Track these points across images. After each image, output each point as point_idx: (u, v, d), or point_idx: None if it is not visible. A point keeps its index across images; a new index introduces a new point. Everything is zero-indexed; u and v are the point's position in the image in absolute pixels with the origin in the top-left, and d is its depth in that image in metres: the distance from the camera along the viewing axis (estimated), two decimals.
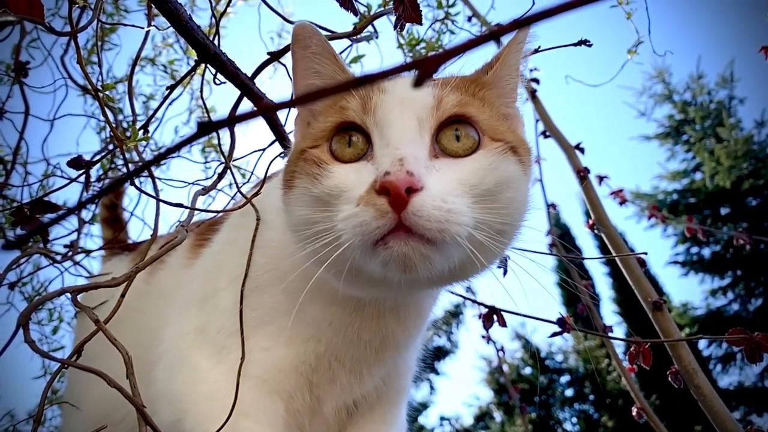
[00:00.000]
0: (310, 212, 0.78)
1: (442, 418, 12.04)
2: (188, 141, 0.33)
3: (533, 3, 1.30)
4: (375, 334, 0.93)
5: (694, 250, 9.42)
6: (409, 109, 0.79)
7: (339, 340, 0.92)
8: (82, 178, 1.17)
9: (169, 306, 1.05)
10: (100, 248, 1.66)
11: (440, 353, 12.24)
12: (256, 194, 0.96)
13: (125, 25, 1.59)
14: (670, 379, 1.20)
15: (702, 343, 8.66)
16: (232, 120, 0.33)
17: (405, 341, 0.97)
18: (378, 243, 0.71)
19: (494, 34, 0.33)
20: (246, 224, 0.99)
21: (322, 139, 0.81)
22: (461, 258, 0.76)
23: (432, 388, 12.00)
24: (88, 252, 1.59)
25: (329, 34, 1.14)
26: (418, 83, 0.32)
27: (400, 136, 0.76)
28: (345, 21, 1.17)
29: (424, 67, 0.31)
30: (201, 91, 1.36)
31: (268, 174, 1.14)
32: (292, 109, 1.18)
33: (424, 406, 11.72)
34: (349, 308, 0.91)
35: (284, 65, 1.21)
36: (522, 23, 0.32)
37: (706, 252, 9.38)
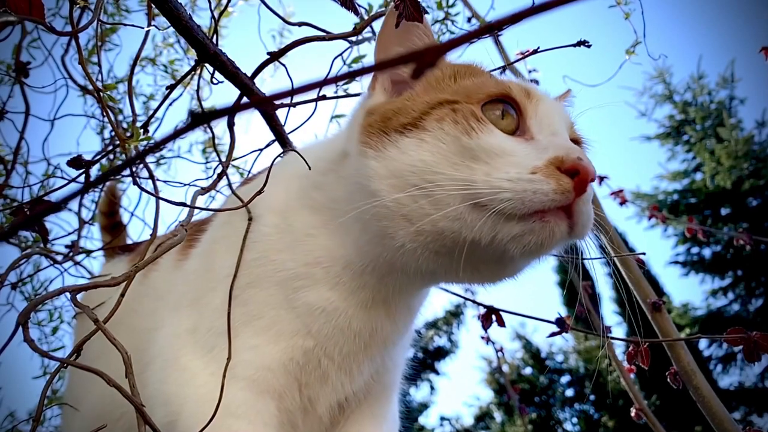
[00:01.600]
0: (439, 159, 0.79)
1: (443, 418, 12.04)
2: (182, 131, 0.34)
3: (533, 3, 1.30)
4: (365, 325, 0.93)
5: (695, 250, 9.41)
6: (562, 117, 0.87)
7: (329, 329, 0.92)
8: (82, 178, 1.17)
9: (162, 308, 1.05)
10: (100, 248, 1.67)
11: (440, 353, 12.24)
12: (255, 196, 0.96)
13: (126, 25, 1.59)
14: (668, 379, 1.20)
15: (702, 344, 8.66)
16: (226, 111, 0.33)
17: (392, 337, 0.98)
18: (535, 214, 0.75)
19: (491, 27, 0.34)
20: (232, 221, 0.99)
21: (474, 101, 0.83)
22: None
23: (432, 388, 12.01)
24: (88, 252, 1.60)
25: (328, 34, 1.14)
26: (416, 75, 0.32)
27: (564, 135, 0.84)
28: (346, 21, 1.18)
29: (422, 59, 0.32)
30: (197, 91, 1.36)
31: (257, 172, 1.14)
32: (292, 109, 1.18)
33: (424, 406, 11.72)
34: (345, 293, 0.91)
35: (284, 65, 1.21)
36: (519, 16, 0.32)
37: (707, 252, 9.37)
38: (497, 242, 0.77)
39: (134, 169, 1.10)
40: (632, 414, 1.44)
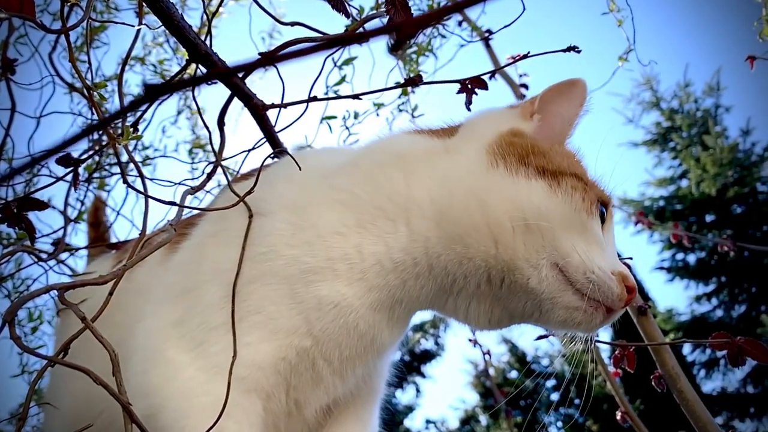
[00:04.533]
0: (558, 215, 0.88)
1: (428, 421, 12.02)
2: (138, 103, 0.33)
3: (524, 8, 1.31)
4: (369, 329, 0.92)
5: (680, 256, 9.48)
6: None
7: (335, 328, 0.90)
8: (69, 177, 1.16)
9: (146, 301, 1.02)
10: (86, 246, 1.65)
11: (427, 356, 12.24)
12: (247, 193, 0.95)
13: (116, 23, 1.57)
14: (653, 383, 1.21)
15: (686, 349, 8.73)
16: (182, 84, 0.33)
17: (386, 344, 0.97)
18: (595, 302, 0.88)
19: (465, 3, 0.34)
20: (229, 216, 0.97)
21: (593, 193, 0.93)
22: None
23: (418, 391, 11.99)
24: (72, 250, 1.58)
25: (320, 36, 1.14)
26: (395, 48, 0.33)
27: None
28: (337, 22, 1.17)
29: (401, 30, 0.32)
30: (193, 91, 1.36)
31: (249, 170, 1.14)
32: (282, 109, 1.18)
33: (410, 409, 11.70)
34: (362, 290, 0.91)
35: (275, 66, 1.21)
36: None
37: (691, 258, 9.44)
38: (550, 301, 0.88)
39: (124, 168, 1.09)
40: (617, 417, 1.45)
